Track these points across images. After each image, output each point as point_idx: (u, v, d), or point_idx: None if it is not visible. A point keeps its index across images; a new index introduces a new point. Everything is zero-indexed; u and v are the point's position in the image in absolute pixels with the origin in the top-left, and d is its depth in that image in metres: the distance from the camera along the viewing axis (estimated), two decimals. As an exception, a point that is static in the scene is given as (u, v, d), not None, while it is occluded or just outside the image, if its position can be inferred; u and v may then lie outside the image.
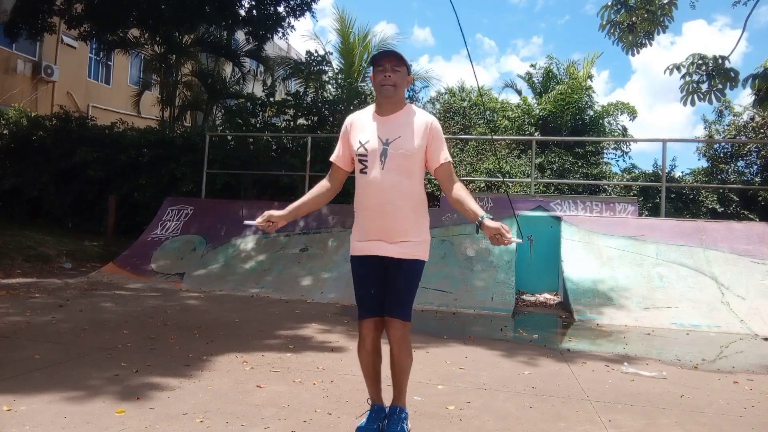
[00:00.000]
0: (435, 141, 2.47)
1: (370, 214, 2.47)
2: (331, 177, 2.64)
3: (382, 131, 2.47)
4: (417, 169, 2.47)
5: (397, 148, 2.42)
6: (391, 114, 2.49)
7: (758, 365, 4.31)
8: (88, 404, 2.74)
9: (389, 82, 2.43)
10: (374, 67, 2.48)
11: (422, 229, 2.52)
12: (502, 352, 4.35)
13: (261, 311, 5.76)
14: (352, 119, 2.62)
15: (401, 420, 2.47)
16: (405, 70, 2.49)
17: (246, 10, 12.99)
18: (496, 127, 17.09)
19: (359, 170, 2.50)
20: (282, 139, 11.58)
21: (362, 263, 2.53)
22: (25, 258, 8.20)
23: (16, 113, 13.08)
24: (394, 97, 2.47)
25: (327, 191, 2.64)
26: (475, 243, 7.34)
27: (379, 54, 2.49)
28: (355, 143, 2.51)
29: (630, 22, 6.98)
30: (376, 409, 2.54)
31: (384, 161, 2.43)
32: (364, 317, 2.50)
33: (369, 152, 2.45)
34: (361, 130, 2.53)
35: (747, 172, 14.89)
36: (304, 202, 2.61)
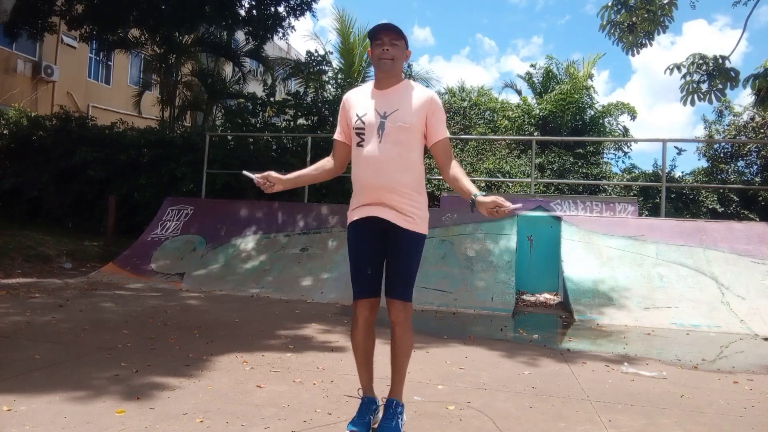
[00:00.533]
0: (436, 114, 2.43)
1: (368, 187, 2.42)
2: (334, 154, 2.61)
3: (380, 104, 2.42)
4: (416, 142, 2.43)
5: (395, 121, 2.38)
6: (389, 87, 2.46)
7: (758, 365, 4.31)
8: (88, 404, 2.74)
9: (387, 56, 2.39)
10: (372, 41, 2.44)
11: (421, 204, 2.47)
12: (502, 352, 4.34)
13: (261, 311, 5.76)
14: (349, 95, 2.59)
15: (396, 414, 2.41)
16: (403, 44, 2.44)
17: (246, 10, 13.00)
18: (496, 127, 17.10)
19: (356, 144, 2.46)
20: (282, 139, 11.59)
21: (359, 236, 2.46)
22: (25, 258, 8.21)
23: (16, 113, 13.08)
24: (392, 71, 2.43)
25: (329, 168, 2.62)
26: (476, 243, 7.34)
27: (377, 27, 2.42)
28: (353, 117, 2.47)
29: (630, 22, 6.98)
30: (366, 401, 2.49)
31: (381, 134, 2.38)
32: (359, 298, 2.45)
33: (366, 125, 2.41)
34: (358, 105, 2.49)
35: (747, 172, 14.89)
36: (305, 173, 2.60)
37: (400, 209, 2.40)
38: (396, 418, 2.41)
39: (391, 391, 2.51)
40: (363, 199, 2.47)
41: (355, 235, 2.50)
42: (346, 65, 17.81)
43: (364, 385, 2.55)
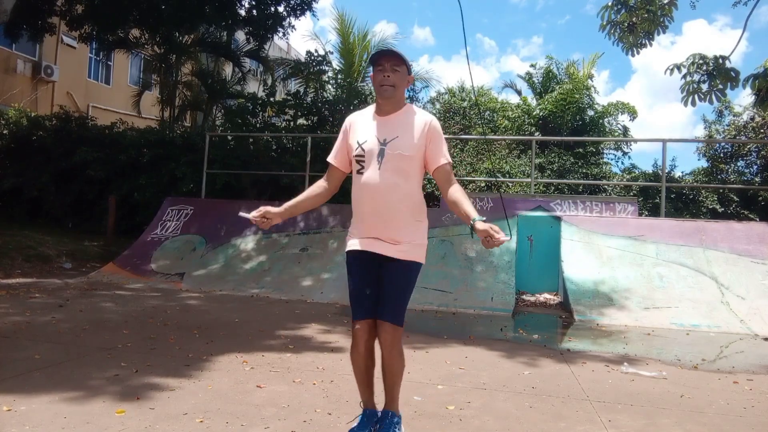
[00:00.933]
0: (434, 141, 2.42)
1: (366, 215, 2.43)
2: (328, 177, 2.61)
3: (381, 131, 2.43)
4: (415, 170, 2.42)
5: (394, 149, 2.38)
6: (390, 114, 2.45)
7: (758, 365, 4.31)
8: (88, 404, 2.74)
9: (388, 83, 2.39)
10: (374, 66, 2.44)
11: (419, 232, 2.47)
12: (502, 352, 4.34)
13: (261, 311, 5.76)
14: (352, 120, 2.59)
15: (393, 425, 2.42)
16: (405, 70, 2.44)
17: (246, 10, 12.99)
18: (496, 127, 17.10)
19: (356, 171, 2.46)
20: (282, 139, 11.59)
21: (357, 259, 2.48)
22: (25, 258, 8.20)
23: (16, 113, 13.08)
24: (393, 98, 2.42)
25: (324, 191, 2.61)
26: (476, 243, 7.34)
27: (379, 53, 2.44)
28: (354, 144, 2.47)
29: (630, 22, 6.98)
30: (368, 414, 2.49)
31: (381, 161, 2.38)
32: (358, 319, 2.45)
33: (366, 152, 2.41)
34: (359, 131, 2.49)
35: (747, 172, 14.89)
36: (300, 201, 2.58)
37: (396, 239, 2.41)
38: (393, 428, 2.41)
39: (387, 404, 2.50)
40: (361, 228, 2.48)
41: (352, 260, 2.52)
42: (346, 65, 17.81)
43: (365, 400, 2.55)
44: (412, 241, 2.43)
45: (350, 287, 2.51)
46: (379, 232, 2.42)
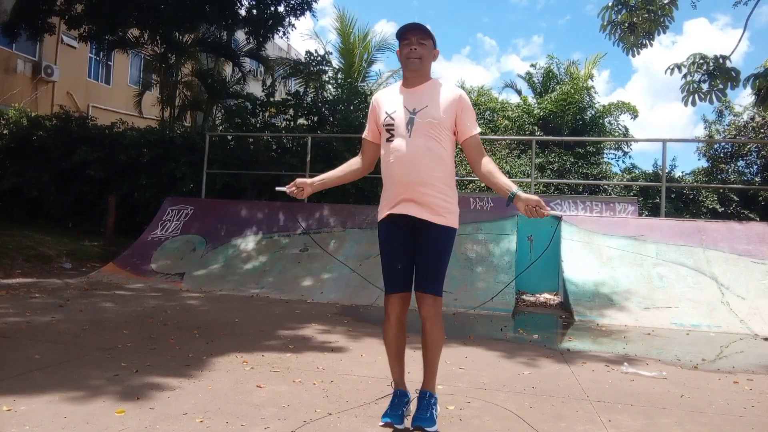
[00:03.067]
0: (465, 112, 2.46)
1: (398, 182, 2.43)
2: (363, 153, 2.64)
3: (409, 101, 2.45)
4: (445, 138, 2.44)
5: (424, 117, 2.40)
6: (417, 86, 2.48)
7: (758, 365, 4.31)
8: (88, 404, 2.74)
9: (415, 55, 2.42)
10: (400, 41, 2.47)
11: (451, 198, 2.48)
12: (502, 352, 4.34)
13: (261, 311, 5.76)
14: (378, 95, 2.63)
15: (431, 406, 2.43)
16: (431, 44, 2.47)
17: (246, 9, 12.99)
18: (496, 127, 17.09)
19: (385, 139, 2.48)
20: (282, 139, 11.59)
21: (389, 232, 2.48)
22: (25, 258, 8.20)
23: (16, 113, 13.08)
24: (420, 70, 2.45)
25: (357, 168, 2.64)
26: (476, 244, 7.34)
27: (405, 27, 2.46)
28: (382, 115, 2.50)
29: (631, 22, 6.98)
30: (398, 394, 2.51)
31: (411, 130, 2.41)
32: (390, 292, 2.47)
33: (396, 121, 2.44)
34: (387, 103, 2.52)
35: (747, 172, 14.91)
36: (332, 175, 2.62)
37: (430, 204, 2.41)
38: (431, 409, 2.43)
39: (424, 384, 2.52)
40: (392, 195, 2.48)
41: (385, 232, 2.51)
42: (346, 65, 17.82)
43: (396, 379, 2.57)
44: (446, 206, 2.44)
45: (383, 262, 2.52)
46: (412, 196, 2.41)
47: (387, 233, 2.50)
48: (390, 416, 2.44)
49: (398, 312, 2.47)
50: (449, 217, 2.45)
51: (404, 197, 2.43)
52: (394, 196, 2.46)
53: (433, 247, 2.42)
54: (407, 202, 2.42)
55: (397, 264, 2.45)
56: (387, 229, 2.50)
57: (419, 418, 2.42)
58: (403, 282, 2.46)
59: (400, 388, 2.54)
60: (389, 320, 2.49)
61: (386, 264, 2.50)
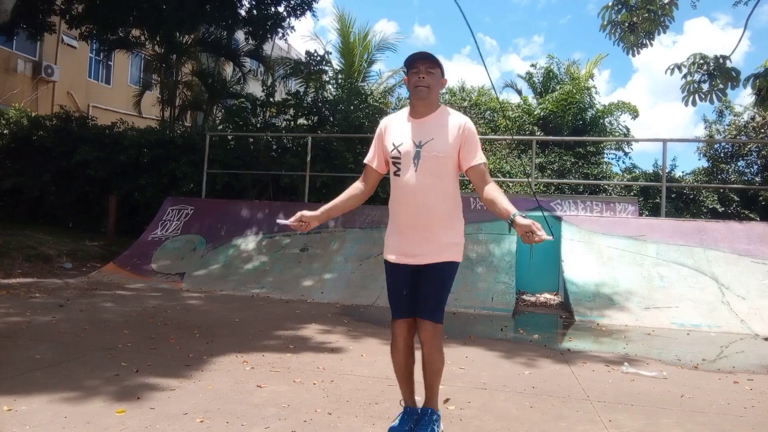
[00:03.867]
0: (468, 142, 2.47)
1: (404, 215, 2.48)
2: (364, 179, 2.65)
3: (416, 133, 2.47)
4: (450, 171, 2.47)
5: (430, 151, 2.42)
6: (425, 116, 2.49)
7: (758, 365, 4.31)
8: (89, 404, 2.74)
9: (423, 84, 2.43)
10: (409, 69, 2.49)
11: (456, 230, 2.52)
12: (502, 352, 4.34)
13: (261, 311, 5.76)
14: (387, 122, 2.62)
15: (432, 422, 2.47)
16: (439, 72, 2.48)
17: (246, 9, 12.99)
18: (497, 127, 17.09)
19: (393, 173, 2.51)
20: (282, 139, 11.59)
21: (394, 268, 2.54)
22: (25, 258, 8.21)
23: (17, 113, 13.09)
24: (427, 99, 2.46)
25: (360, 193, 2.65)
26: (476, 244, 7.34)
27: (414, 56, 2.48)
28: (389, 146, 2.51)
29: (631, 22, 6.98)
30: (408, 411, 2.54)
31: (417, 163, 2.43)
32: (397, 318, 2.51)
33: (402, 155, 2.46)
34: (394, 133, 2.53)
35: (747, 172, 14.91)
36: (336, 204, 2.62)
37: (435, 242, 2.45)
38: (431, 425, 2.46)
39: (426, 402, 2.56)
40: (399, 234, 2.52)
41: (390, 269, 2.57)
42: (346, 65, 17.82)
43: (406, 398, 2.61)
44: (449, 240, 2.48)
45: (388, 288, 2.58)
46: (417, 235, 2.46)
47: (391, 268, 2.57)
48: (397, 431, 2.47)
49: (405, 337, 2.53)
50: (452, 251, 2.50)
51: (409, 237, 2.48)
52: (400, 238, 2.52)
53: (436, 280, 2.47)
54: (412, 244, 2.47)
55: (402, 290, 2.51)
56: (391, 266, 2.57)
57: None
58: (410, 307, 2.51)
59: (410, 406, 2.57)
60: (397, 344, 2.53)
61: (392, 290, 2.56)
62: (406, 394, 2.59)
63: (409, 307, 2.50)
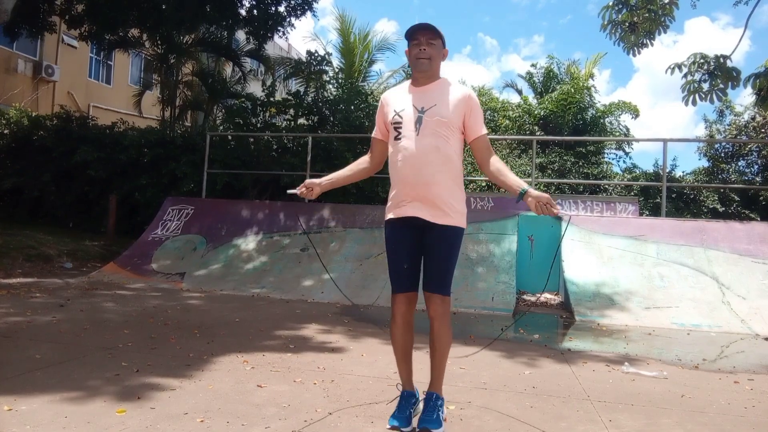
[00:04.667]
0: (474, 112, 2.46)
1: (406, 180, 2.43)
2: (371, 152, 2.64)
3: (418, 100, 2.45)
4: (453, 137, 2.44)
5: (432, 116, 2.40)
6: (426, 84, 2.48)
7: (759, 365, 4.30)
8: (89, 404, 2.74)
9: (424, 56, 2.42)
10: (409, 41, 2.47)
11: (459, 198, 2.48)
12: (502, 352, 4.34)
13: (262, 311, 5.76)
14: (386, 94, 2.63)
15: (437, 407, 2.43)
16: (440, 43, 2.47)
17: (246, 9, 13.00)
18: (497, 127, 17.09)
19: (393, 138, 2.48)
20: (282, 139, 11.59)
21: (396, 232, 2.48)
22: (25, 258, 8.21)
23: (17, 113, 13.09)
24: (429, 70, 2.45)
25: (366, 167, 2.64)
26: (477, 244, 7.33)
27: (414, 27, 2.46)
28: (390, 113, 2.49)
29: (631, 22, 6.98)
30: (405, 395, 2.50)
31: (419, 128, 2.40)
32: (397, 292, 2.47)
33: (404, 119, 2.44)
34: (396, 102, 2.52)
35: (748, 172, 14.90)
36: (341, 174, 2.63)
37: (437, 204, 2.40)
38: (437, 411, 2.42)
39: (431, 386, 2.51)
40: (400, 195, 2.47)
41: (391, 232, 2.51)
42: (346, 65, 17.83)
43: (404, 380, 2.56)
44: (454, 205, 2.44)
45: (389, 261, 2.52)
46: (420, 196, 2.41)
47: (393, 233, 2.50)
48: (397, 418, 2.44)
49: (404, 311, 2.48)
50: (456, 216, 2.44)
51: (411, 197, 2.42)
52: (401, 196, 2.46)
53: (441, 247, 2.41)
54: (414, 202, 2.42)
55: (403, 264, 2.45)
56: (393, 228, 2.50)
57: (425, 419, 2.42)
58: (410, 282, 2.46)
59: (408, 389, 2.53)
60: (395, 320, 2.49)
61: (392, 264, 2.49)
62: (404, 376, 2.55)
63: (410, 280, 2.45)
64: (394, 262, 2.49)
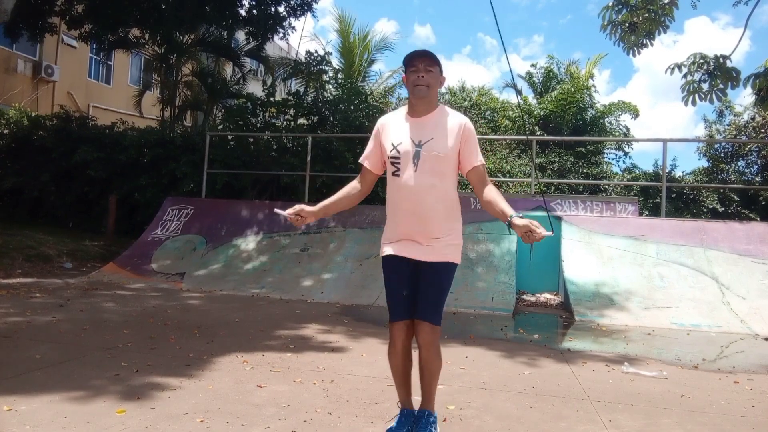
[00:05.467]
0: (468, 143, 2.45)
1: (403, 216, 2.45)
2: (361, 179, 2.63)
3: (415, 133, 2.44)
4: (450, 171, 2.45)
5: (430, 150, 2.40)
6: (423, 115, 2.47)
7: (759, 365, 4.31)
8: (89, 404, 2.74)
9: (422, 83, 2.41)
10: (407, 68, 2.46)
11: (455, 231, 2.50)
12: (502, 352, 4.34)
13: (261, 311, 5.76)
14: (384, 121, 2.60)
15: (429, 424, 2.45)
16: (438, 71, 2.45)
17: (246, 9, 13.00)
18: (497, 127, 17.09)
19: (391, 173, 2.48)
20: (282, 139, 11.60)
21: (392, 264, 2.50)
22: (25, 258, 8.21)
23: (17, 113, 13.09)
24: (427, 98, 2.44)
25: (357, 193, 2.63)
26: (476, 244, 7.34)
27: (412, 54, 2.45)
28: (388, 146, 2.48)
29: (631, 22, 6.98)
30: (405, 414, 2.52)
31: (417, 163, 2.40)
32: (395, 320, 2.48)
33: (402, 154, 2.43)
34: (393, 132, 2.50)
35: (747, 172, 14.90)
36: (333, 201, 2.61)
37: (432, 243, 2.43)
38: (429, 427, 2.44)
39: (423, 404, 2.53)
40: (396, 230, 2.50)
41: (388, 265, 2.53)
42: (346, 65, 17.84)
43: (403, 400, 2.58)
44: (448, 241, 2.46)
45: (387, 289, 2.53)
46: (415, 233, 2.44)
47: (390, 266, 2.53)
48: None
49: (403, 339, 2.49)
50: (450, 253, 2.48)
51: (408, 234, 2.46)
52: (398, 233, 2.49)
53: (434, 281, 2.45)
54: (408, 242, 2.46)
55: (402, 291, 2.48)
56: (389, 263, 2.53)
57: None
58: (408, 309, 2.48)
59: (407, 408, 2.55)
60: (395, 347, 2.49)
61: (390, 292, 2.52)
62: (403, 397, 2.57)
63: (407, 308, 2.47)
64: (392, 290, 2.51)
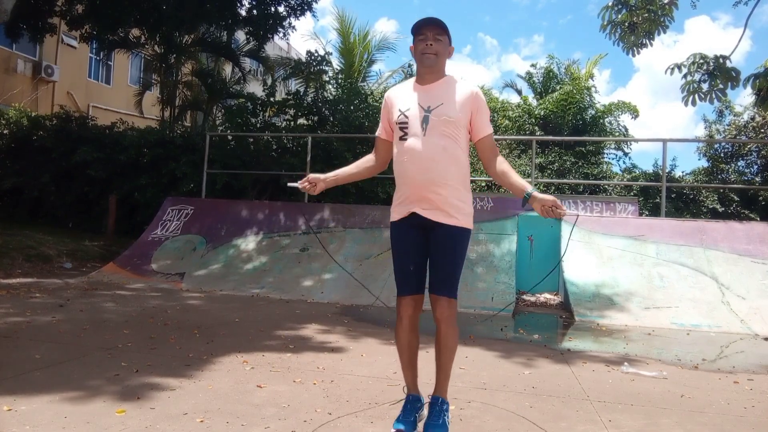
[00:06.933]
0: (481, 110, 2.41)
1: (412, 181, 2.37)
2: (376, 152, 2.60)
3: (424, 99, 2.39)
4: (461, 137, 2.39)
5: (439, 115, 2.34)
6: (432, 83, 2.43)
7: (758, 365, 4.31)
8: (89, 404, 2.74)
9: (431, 51, 2.36)
10: (415, 36, 2.41)
11: (466, 198, 2.42)
12: (502, 352, 4.34)
13: (261, 311, 5.76)
14: (391, 92, 2.57)
15: (443, 412, 2.39)
16: (447, 40, 2.41)
17: (246, 9, 13.00)
18: (497, 127, 17.09)
19: (398, 138, 2.42)
20: (282, 139, 11.60)
21: (402, 229, 2.43)
22: (25, 258, 8.21)
23: (17, 113, 13.09)
24: (435, 66, 2.40)
25: (371, 165, 2.60)
26: (476, 244, 7.33)
27: (421, 22, 2.40)
28: (395, 112, 2.44)
29: (631, 22, 6.98)
30: (411, 399, 2.46)
31: (426, 128, 2.34)
32: (403, 294, 2.43)
33: (410, 119, 2.38)
34: (401, 100, 2.46)
35: (747, 172, 14.92)
36: (346, 171, 2.58)
37: (443, 205, 2.35)
38: (443, 416, 2.38)
39: (436, 389, 2.46)
40: (405, 195, 2.42)
41: (396, 232, 2.46)
42: (346, 65, 17.83)
43: (409, 384, 2.52)
44: (460, 207, 2.39)
45: (395, 263, 2.47)
46: (426, 197, 2.36)
47: (399, 234, 2.45)
48: (402, 422, 2.39)
49: (411, 314, 2.43)
50: (463, 218, 2.39)
51: (417, 198, 2.38)
52: (407, 197, 2.41)
53: (447, 248, 2.36)
54: (420, 202, 2.37)
55: (409, 265, 2.41)
56: (399, 229, 2.45)
57: (431, 425, 2.37)
58: (416, 283, 2.42)
59: (413, 393, 2.49)
60: (401, 322, 2.44)
61: (398, 265, 2.45)
62: (409, 379, 2.51)
63: (415, 283, 2.41)
64: (400, 263, 2.44)
